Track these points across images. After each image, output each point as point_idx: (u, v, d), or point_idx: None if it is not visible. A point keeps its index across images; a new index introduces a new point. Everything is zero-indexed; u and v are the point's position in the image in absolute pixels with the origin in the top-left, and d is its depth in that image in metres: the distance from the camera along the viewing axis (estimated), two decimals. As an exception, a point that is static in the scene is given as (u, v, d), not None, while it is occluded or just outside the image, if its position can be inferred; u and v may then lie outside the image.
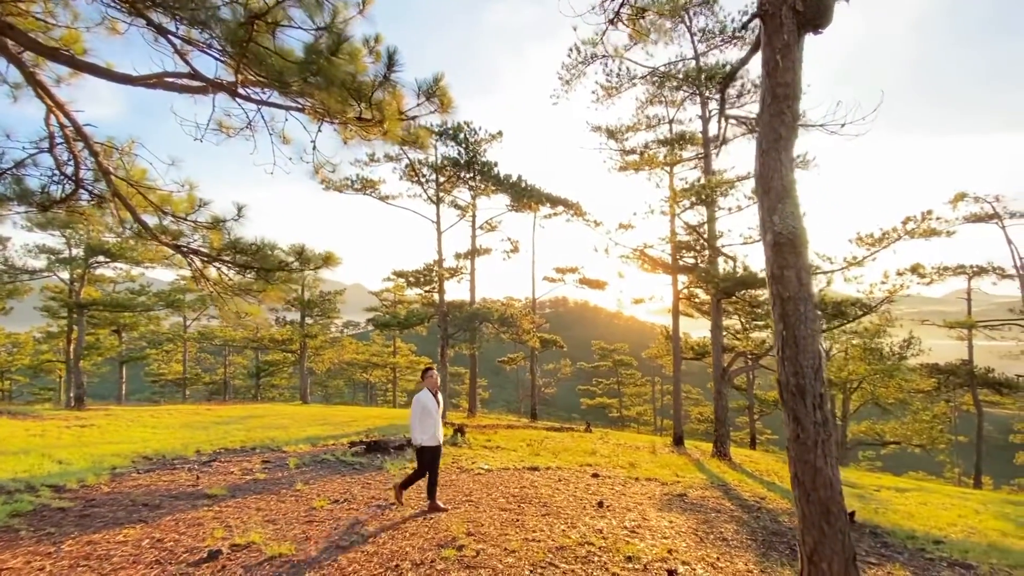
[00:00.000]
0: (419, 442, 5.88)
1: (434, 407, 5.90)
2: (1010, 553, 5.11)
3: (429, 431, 5.83)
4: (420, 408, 5.89)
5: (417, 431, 5.86)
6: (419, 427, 5.85)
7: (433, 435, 5.86)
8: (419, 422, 5.86)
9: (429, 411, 5.85)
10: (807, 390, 2.79)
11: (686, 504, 7.15)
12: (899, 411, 24.94)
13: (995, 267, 18.55)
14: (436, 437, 5.88)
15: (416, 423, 5.87)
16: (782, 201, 2.98)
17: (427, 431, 5.82)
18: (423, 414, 5.86)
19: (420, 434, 5.83)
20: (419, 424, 5.86)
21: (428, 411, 5.84)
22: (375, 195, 20.06)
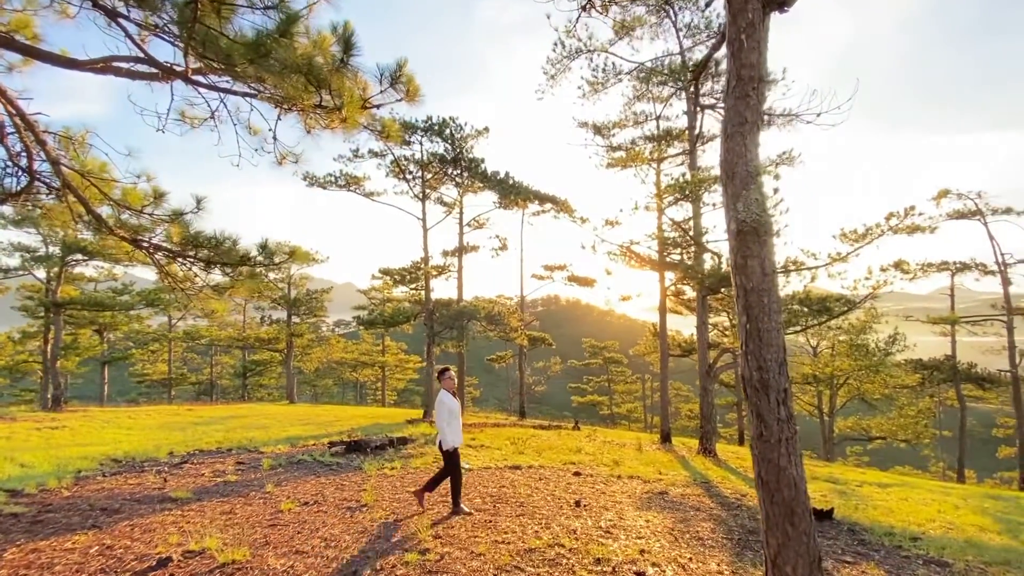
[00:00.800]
0: (450, 444, 5.71)
1: (457, 408, 5.85)
2: (986, 549, 5.04)
3: (458, 433, 5.77)
4: (446, 411, 5.78)
5: (447, 433, 5.74)
6: (448, 429, 5.74)
7: (460, 436, 5.83)
8: (447, 424, 5.75)
9: (455, 413, 5.78)
10: (771, 385, 2.66)
11: (666, 502, 7.04)
12: (885, 406, 25.12)
13: (978, 263, 18.69)
14: (460, 438, 5.86)
15: (444, 425, 5.76)
16: (746, 188, 2.84)
17: (457, 433, 5.75)
18: (450, 416, 5.77)
19: (452, 436, 5.73)
20: (447, 426, 5.75)
21: (454, 413, 5.78)
22: (360, 192, 19.79)
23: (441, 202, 22.01)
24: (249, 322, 38.02)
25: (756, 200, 2.81)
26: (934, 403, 26.21)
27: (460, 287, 23.02)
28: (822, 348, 27.92)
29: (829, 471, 12.27)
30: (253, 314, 36.79)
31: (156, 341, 36.60)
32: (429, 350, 18.94)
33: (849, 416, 27.46)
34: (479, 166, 20.66)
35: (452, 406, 5.79)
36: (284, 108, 4.74)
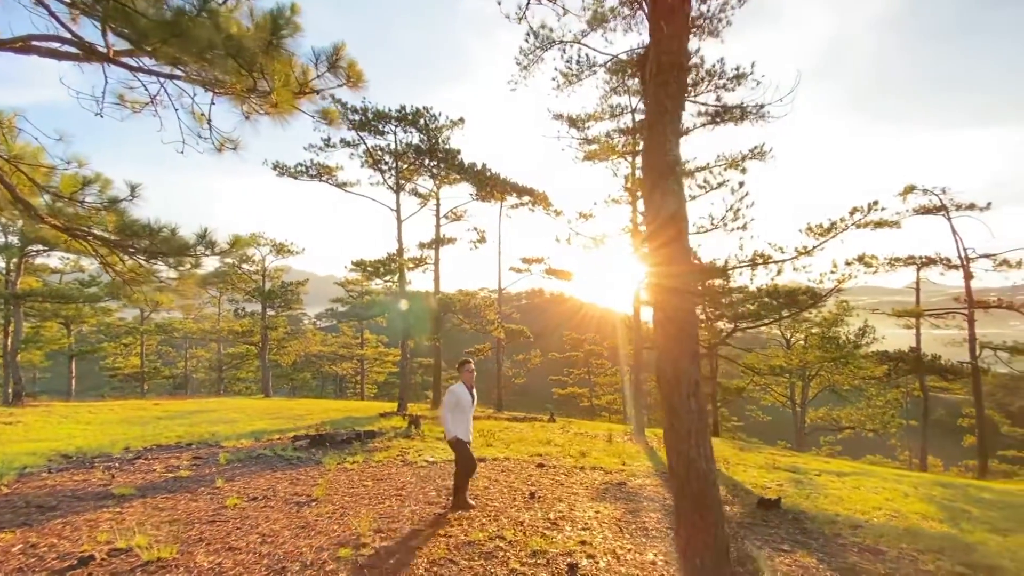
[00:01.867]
0: (452, 435, 5.57)
1: (468, 401, 5.66)
2: (923, 537, 5.16)
3: (461, 425, 5.61)
4: (453, 400, 5.65)
5: (449, 425, 5.60)
6: (450, 419, 5.60)
7: (466, 429, 5.63)
8: (450, 414, 5.62)
9: (462, 405, 5.63)
10: (682, 377, 2.64)
11: (622, 493, 7.08)
12: (854, 397, 25.69)
13: (942, 258, 19.14)
14: (468, 431, 5.65)
15: (447, 414, 5.62)
16: (664, 178, 2.80)
17: (459, 424, 5.60)
18: (455, 407, 5.63)
19: (453, 426, 5.58)
20: (450, 416, 5.61)
21: (461, 405, 5.63)
22: (332, 182, 19.47)
23: (416, 193, 21.77)
24: (224, 315, 37.34)
25: (674, 191, 2.77)
26: (902, 394, 26.85)
27: (437, 279, 22.86)
28: (796, 340, 28.43)
29: (793, 461, 12.49)
30: (228, 307, 36.14)
31: (128, 334, 35.77)
32: (404, 343, 18.79)
33: (821, 407, 28.04)
34: (455, 157, 20.46)
35: (461, 398, 5.62)
36: (216, 91, 4.57)
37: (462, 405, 5.60)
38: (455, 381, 6.06)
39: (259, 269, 28.87)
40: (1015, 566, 4.24)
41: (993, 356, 18.38)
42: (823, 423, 27.07)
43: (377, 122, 19.03)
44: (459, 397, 5.62)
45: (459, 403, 5.60)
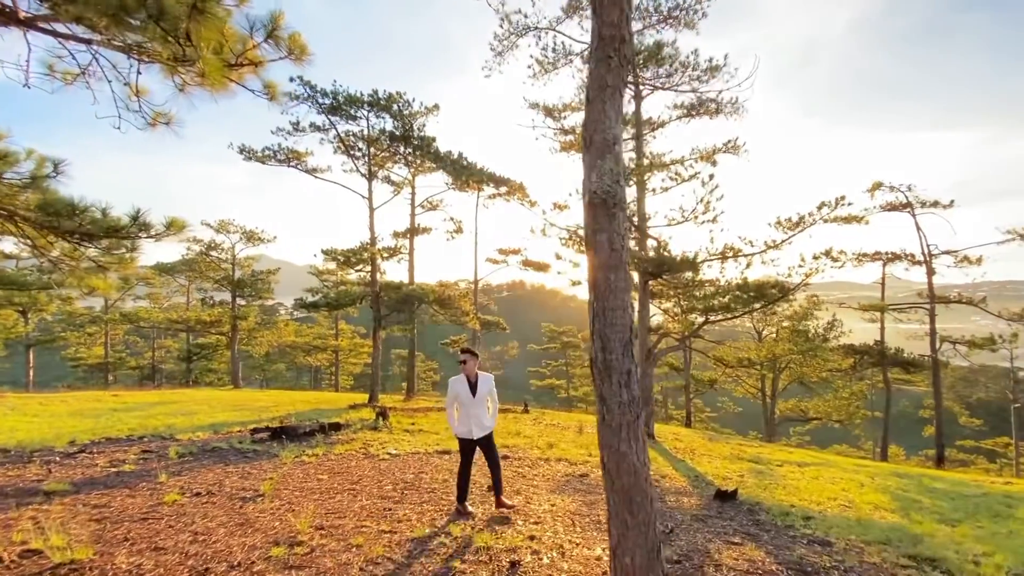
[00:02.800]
0: (455, 432, 5.35)
1: (465, 395, 5.29)
2: (873, 527, 5.19)
3: (463, 421, 5.30)
4: (451, 396, 5.39)
5: (452, 419, 5.38)
6: (453, 416, 5.38)
7: (468, 427, 5.28)
8: (452, 410, 5.38)
9: (462, 399, 5.30)
10: (614, 367, 2.50)
11: (582, 485, 7.00)
12: (822, 389, 26.30)
13: (907, 254, 19.60)
14: (470, 429, 5.29)
15: (452, 412, 5.39)
16: (602, 157, 2.64)
17: (461, 420, 5.31)
18: (455, 403, 5.37)
19: (455, 424, 5.37)
20: (453, 412, 5.37)
21: (460, 399, 5.31)
22: (302, 168, 18.91)
23: (389, 181, 21.34)
24: (194, 304, 36.30)
25: (611, 171, 2.61)
26: (867, 386, 27.62)
27: (411, 269, 22.53)
28: (767, 333, 28.95)
29: (758, 451, 12.66)
30: (198, 296, 35.14)
31: (92, 323, 34.49)
32: (375, 334, 18.47)
33: (790, 399, 28.67)
34: (430, 145, 20.06)
35: (459, 392, 5.32)
36: (141, 59, 4.24)
37: (460, 399, 5.30)
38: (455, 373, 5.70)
39: (228, 257, 28.04)
40: (958, 557, 4.27)
41: (952, 350, 18.94)
42: (792, 414, 27.71)
43: (349, 107, 18.51)
44: (457, 391, 5.32)
45: (457, 397, 5.32)
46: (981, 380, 46.74)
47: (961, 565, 4.08)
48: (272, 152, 17.93)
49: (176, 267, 31.24)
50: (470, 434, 5.27)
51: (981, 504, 6.87)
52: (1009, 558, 4.36)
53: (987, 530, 5.49)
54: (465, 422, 5.28)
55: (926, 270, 18.93)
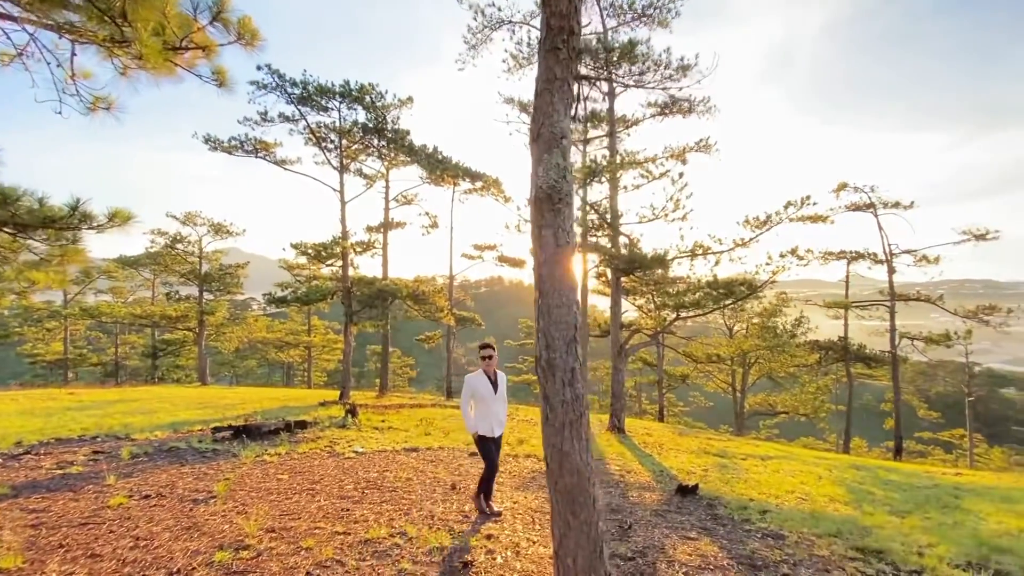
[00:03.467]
0: (473, 430, 5.11)
1: (488, 391, 5.09)
2: (825, 520, 5.30)
3: (483, 419, 5.09)
4: (468, 392, 5.14)
5: (469, 418, 5.13)
6: (470, 412, 5.14)
7: (489, 425, 5.09)
8: (468, 407, 5.14)
9: (480, 395, 5.09)
10: (557, 365, 2.45)
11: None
12: (789, 384, 27.02)
13: (870, 253, 20.23)
14: (491, 427, 5.10)
15: (467, 410, 5.14)
16: (549, 151, 2.58)
17: (481, 418, 5.09)
18: (474, 400, 5.14)
19: (471, 422, 5.12)
20: (469, 410, 5.13)
21: (478, 395, 5.10)
22: (271, 159, 18.40)
23: (361, 174, 20.95)
24: (159, 298, 35.13)
25: (557, 165, 2.55)
26: (832, 381, 28.46)
27: (385, 264, 22.23)
28: (738, 330, 29.58)
29: (725, 445, 12.89)
30: (163, 290, 34.02)
31: (51, 318, 33.08)
32: (347, 329, 18.16)
33: (759, 393, 29.37)
34: (404, 138, 19.77)
35: (476, 388, 5.11)
36: (77, 39, 4.00)
37: (480, 396, 5.08)
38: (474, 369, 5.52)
39: (195, 251, 27.18)
40: (904, 549, 4.39)
41: (911, 345, 19.66)
42: (761, 408, 28.41)
43: (320, 97, 18.08)
44: (475, 387, 5.08)
45: (475, 394, 5.09)
46: (940, 374, 48.65)
47: (905, 556, 4.20)
48: (239, 142, 17.39)
49: (140, 260, 30.16)
50: (492, 431, 5.11)
51: (931, 496, 7.12)
52: (952, 549, 4.51)
53: (934, 521, 5.67)
54: (487, 419, 5.09)
55: (887, 269, 19.58)
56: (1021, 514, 6.23)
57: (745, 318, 27.90)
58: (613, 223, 14.70)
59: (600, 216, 14.46)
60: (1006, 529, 5.49)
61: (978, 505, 6.65)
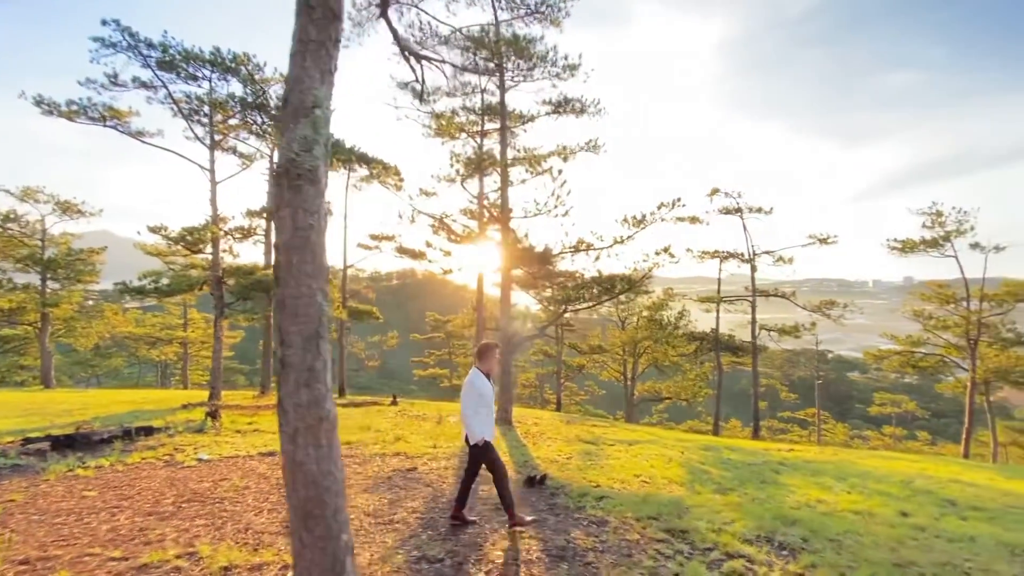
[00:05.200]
0: (479, 436, 4.55)
1: (490, 393, 4.72)
2: (652, 503, 5.59)
3: (488, 424, 4.65)
4: (476, 394, 4.60)
5: (475, 425, 4.56)
6: (475, 419, 4.58)
7: (492, 428, 4.71)
8: (473, 413, 4.59)
9: (486, 398, 4.66)
10: (292, 364, 2.19)
11: (403, 480, 6.74)
12: (673, 372, 29.18)
13: (738, 253, 22.41)
14: (492, 430, 4.72)
15: (470, 414, 4.58)
16: (297, 121, 2.29)
17: (487, 423, 4.64)
18: (479, 402, 4.61)
19: (480, 428, 4.57)
20: (474, 414, 4.58)
21: (484, 398, 4.65)
22: (124, 130, 16.13)
23: (236, 152, 19.13)
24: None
25: (304, 137, 2.27)
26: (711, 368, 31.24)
27: (268, 252, 20.55)
28: (629, 322, 31.39)
29: (602, 432, 13.47)
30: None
31: None
32: (217, 323, 16.51)
33: (648, 380, 31.42)
34: (289, 117, 18.28)
35: (483, 390, 4.63)
36: None
37: (486, 399, 4.65)
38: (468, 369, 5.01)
39: (33, 231, 23.24)
40: (707, 526, 4.72)
41: (768, 336, 22.07)
42: (648, 395, 30.44)
43: (186, 64, 16.13)
44: (482, 390, 4.63)
45: (483, 397, 4.63)
46: (801, 360, 55.50)
47: (706, 534, 4.50)
48: (81, 107, 14.97)
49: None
50: (492, 435, 4.74)
51: (756, 472, 7.89)
52: (750, 523, 4.93)
53: (748, 497, 6.24)
54: (490, 423, 4.71)
55: (750, 267, 21.79)
56: (824, 486, 7.09)
57: (636, 311, 29.65)
58: (503, 217, 14.72)
59: (485, 208, 14.42)
60: (806, 501, 6.18)
61: (792, 479, 7.47)
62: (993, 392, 24.41)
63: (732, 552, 4.13)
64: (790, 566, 3.92)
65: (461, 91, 18.74)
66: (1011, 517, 5.90)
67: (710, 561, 3.96)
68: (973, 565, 4.17)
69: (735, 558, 4.02)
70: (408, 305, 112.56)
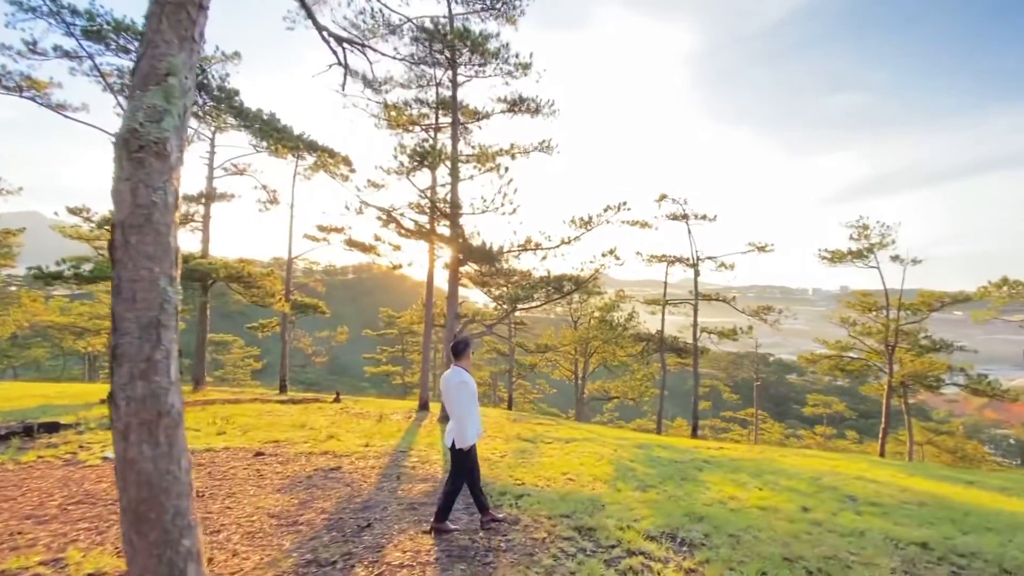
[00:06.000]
0: (472, 440, 4.33)
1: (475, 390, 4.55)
2: (569, 502, 5.63)
3: (477, 424, 4.49)
4: (469, 393, 4.36)
5: (469, 427, 4.32)
6: (471, 421, 4.34)
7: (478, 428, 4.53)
8: (470, 412, 4.33)
9: (475, 397, 4.48)
10: (126, 353, 2.01)
11: (322, 480, 6.49)
12: (622, 371, 29.81)
13: (684, 258, 23.13)
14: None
15: (466, 414, 4.31)
16: (145, 87, 2.09)
17: (478, 424, 4.49)
18: (472, 401, 4.37)
19: (474, 430, 4.36)
20: (469, 415, 4.33)
21: (475, 397, 4.46)
22: (43, 102, 14.88)
23: (171, 133, 18.03)
24: None
25: (153, 106, 2.09)
26: (657, 369, 32.12)
27: (206, 240, 19.53)
28: (582, 322, 31.85)
29: (544, 430, 13.54)
30: None
31: None
32: (144, 314, 15.45)
33: (597, 380, 31.96)
34: (233, 98, 17.45)
35: (474, 388, 4.44)
36: None
37: (475, 397, 4.48)
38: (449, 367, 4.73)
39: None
40: (615, 524, 4.77)
41: (708, 338, 22.91)
42: (598, 394, 30.98)
43: (116, 35, 15.05)
44: (473, 388, 4.43)
45: (474, 395, 4.44)
46: (745, 363, 58.01)
47: (613, 532, 4.55)
48: (-8, 75, 13.70)
49: None
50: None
51: (679, 470, 8.12)
52: (659, 520, 5.03)
53: (666, 494, 6.39)
54: (478, 422, 4.55)
55: (694, 272, 22.55)
56: (739, 483, 7.36)
57: (588, 312, 30.10)
58: (452, 213, 14.55)
59: (433, 203, 14.21)
60: (719, 497, 6.39)
61: (711, 476, 7.72)
62: (912, 395, 26.30)
63: (634, 549, 4.18)
64: (686, 562, 4.00)
65: (416, 83, 18.43)
66: (902, 512, 6.30)
67: (610, 559, 3.99)
68: (857, 558, 4.40)
69: (635, 555, 4.07)
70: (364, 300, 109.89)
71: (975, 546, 5.05)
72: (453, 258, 14.61)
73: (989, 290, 19.34)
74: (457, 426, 4.37)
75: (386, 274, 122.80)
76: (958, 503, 7.14)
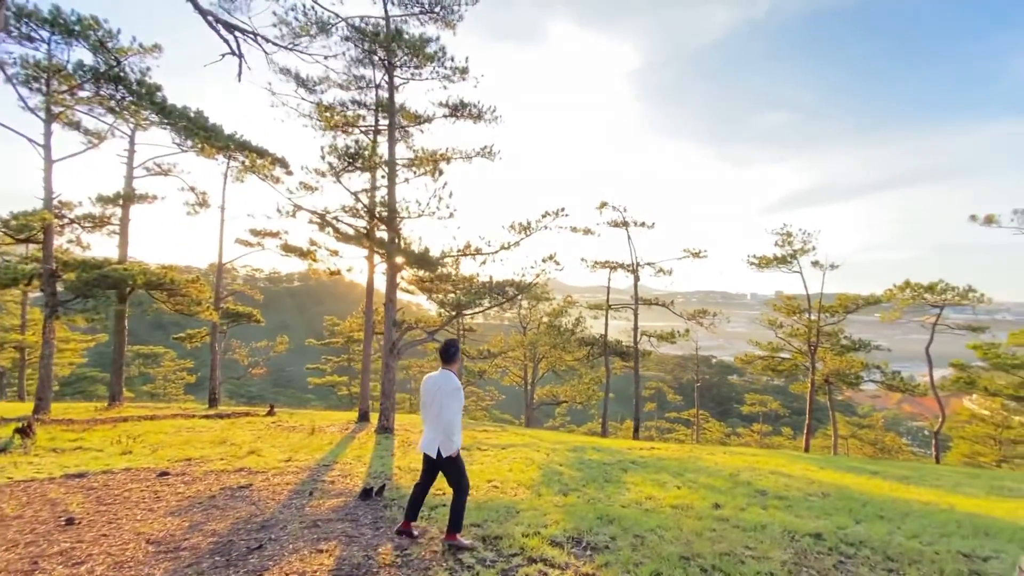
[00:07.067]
0: (456, 448, 4.13)
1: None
2: (486, 508, 5.55)
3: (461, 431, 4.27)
4: (460, 401, 4.17)
5: (457, 434, 4.12)
6: (458, 428, 4.13)
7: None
8: (457, 421, 4.12)
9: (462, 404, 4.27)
10: None
11: (225, 501, 6.07)
12: (569, 376, 30.15)
13: (625, 264, 23.76)
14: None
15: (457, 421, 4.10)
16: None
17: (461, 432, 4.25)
18: (460, 408, 4.21)
19: (459, 438, 4.15)
20: (458, 423, 4.12)
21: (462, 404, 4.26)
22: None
23: (81, 128, 16.77)
24: None
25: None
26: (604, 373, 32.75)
27: (124, 245, 18.20)
28: (531, 327, 32.04)
29: (485, 437, 13.42)
30: None
31: None
32: (47, 324, 14.23)
33: (546, 385, 32.19)
34: (154, 94, 16.37)
35: (462, 395, 4.25)
36: None
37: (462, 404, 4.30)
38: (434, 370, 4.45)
39: None
40: (522, 531, 4.72)
41: (648, 341, 23.61)
42: (547, 399, 31.17)
43: (17, 21, 13.83)
44: (462, 393, 4.29)
45: (462, 402, 4.28)
46: (690, 365, 60.20)
47: (518, 540, 4.48)
48: None
49: None
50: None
51: (605, 472, 8.21)
52: (569, 524, 5.02)
53: (585, 497, 6.42)
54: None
55: (634, 277, 23.20)
56: (659, 482, 7.52)
57: (537, 317, 30.31)
58: (389, 217, 14.24)
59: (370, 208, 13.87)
60: (636, 498, 6.48)
61: (634, 477, 7.85)
62: (838, 392, 28.09)
63: (535, 557, 4.13)
64: (585, 567, 3.99)
65: (355, 84, 17.99)
66: (805, 505, 6.62)
67: (508, 568, 3.91)
68: (752, 553, 4.55)
69: (535, 563, 4.02)
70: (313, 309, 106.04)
71: (864, 535, 5.35)
72: (390, 263, 14.29)
73: (895, 292, 21.05)
74: (444, 434, 4.18)
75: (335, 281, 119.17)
76: (858, 493, 7.59)
